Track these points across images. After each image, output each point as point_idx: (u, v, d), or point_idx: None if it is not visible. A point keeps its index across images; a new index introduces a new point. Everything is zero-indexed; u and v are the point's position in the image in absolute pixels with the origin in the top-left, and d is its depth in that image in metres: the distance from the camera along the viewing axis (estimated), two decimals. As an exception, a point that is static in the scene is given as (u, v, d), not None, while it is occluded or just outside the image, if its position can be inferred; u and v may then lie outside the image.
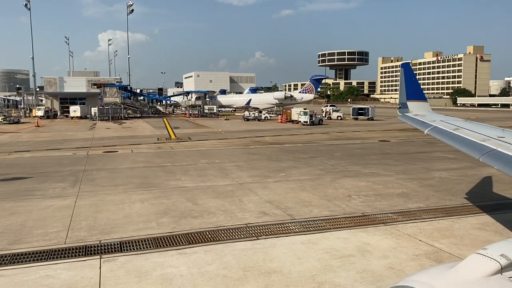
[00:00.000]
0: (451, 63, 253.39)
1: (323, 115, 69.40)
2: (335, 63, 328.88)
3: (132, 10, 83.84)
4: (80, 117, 70.81)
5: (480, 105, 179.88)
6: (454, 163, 23.77)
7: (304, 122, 56.05)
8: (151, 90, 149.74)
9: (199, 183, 18.37)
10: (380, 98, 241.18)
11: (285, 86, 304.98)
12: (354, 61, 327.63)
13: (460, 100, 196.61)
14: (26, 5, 75.39)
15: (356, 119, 69.45)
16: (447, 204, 14.91)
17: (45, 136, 41.69)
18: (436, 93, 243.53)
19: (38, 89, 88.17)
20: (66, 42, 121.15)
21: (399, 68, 14.98)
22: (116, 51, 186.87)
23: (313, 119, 56.37)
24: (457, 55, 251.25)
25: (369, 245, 10.82)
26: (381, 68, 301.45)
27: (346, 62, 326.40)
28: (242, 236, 11.44)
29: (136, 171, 21.32)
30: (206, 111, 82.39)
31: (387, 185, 18.04)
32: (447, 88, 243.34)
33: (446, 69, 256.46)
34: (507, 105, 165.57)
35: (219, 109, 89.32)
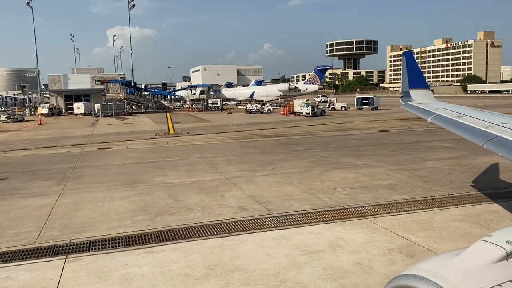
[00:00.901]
0: (461, 49, 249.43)
1: (327, 106, 68.82)
2: (343, 52, 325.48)
3: (133, 5, 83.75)
4: (84, 114, 71.14)
5: (491, 91, 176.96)
6: (449, 152, 23.27)
7: (306, 113, 55.56)
8: (159, 85, 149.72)
9: (185, 179, 18.21)
10: (389, 87, 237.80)
11: (293, 77, 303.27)
12: (362, 50, 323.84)
13: (471, 87, 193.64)
14: (28, 3, 75.70)
15: (361, 109, 68.69)
16: (433, 195, 14.54)
17: (44, 134, 41.90)
18: (446, 80, 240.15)
19: (43, 87, 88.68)
20: (71, 39, 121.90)
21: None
22: (122, 46, 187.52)
23: (315, 110, 55.85)
24: (467, 41, 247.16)
25: (342, 239, 10.55)
26: (390, 57, 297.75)
27: (354, 52, 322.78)
28: (215, 233, 11.25)
29: (125, 168, 21.23)
30: (210, 104, 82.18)
31: (376, 176, 17.69)
32: (458, 75, 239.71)
33: (456, 56, 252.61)
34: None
35: (224, 102, 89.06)
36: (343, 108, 69.74)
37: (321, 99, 72.80)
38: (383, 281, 8.21)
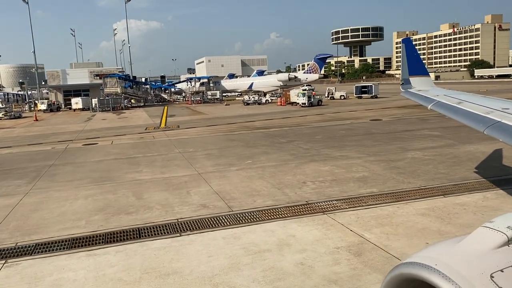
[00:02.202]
0: (468, 34, 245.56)
1: (326, 95, 68.04)
2: (349, 40, 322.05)
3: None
4: (83, 109, 71.08)
5: (499, 76, 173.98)
6: (435, 141, 22.66)
7: (303, 103, 54.88)
8: (161, 79, 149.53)
9: (157, 175, 17.88)
10: (396, 74, 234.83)
11: (298, 66, 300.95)
12: (368, 37, 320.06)
13: (478, 72, 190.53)
14: (24, -1, 75.47)
15: (360, 97, 67.77)
16: (403, 187, 14.07)
17: (36, 130, 41.82)
18: (454, 66, 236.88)
19: (43, 83, 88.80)
20: (72, 34, 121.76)
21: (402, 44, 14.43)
22: (124, 40, 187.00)
23: (312, 100, 55.14)
24: (474, 25, 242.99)
25: (293, 237, 10.17)
26: (396, 43, 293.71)
27: (360, 39, 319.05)
28: (166, 233, 10.92)
29: (102, 164, 20.96)
30: (209, 97, 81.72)
31: (351, 168, 17.21)
32: (465, 61, 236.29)
33: (463, 40, 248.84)
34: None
35: (225, 94, 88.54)
36: (342, 97, 68.87)
37: (306, 89, 71.76)
38: (320, 283, 7.84)
